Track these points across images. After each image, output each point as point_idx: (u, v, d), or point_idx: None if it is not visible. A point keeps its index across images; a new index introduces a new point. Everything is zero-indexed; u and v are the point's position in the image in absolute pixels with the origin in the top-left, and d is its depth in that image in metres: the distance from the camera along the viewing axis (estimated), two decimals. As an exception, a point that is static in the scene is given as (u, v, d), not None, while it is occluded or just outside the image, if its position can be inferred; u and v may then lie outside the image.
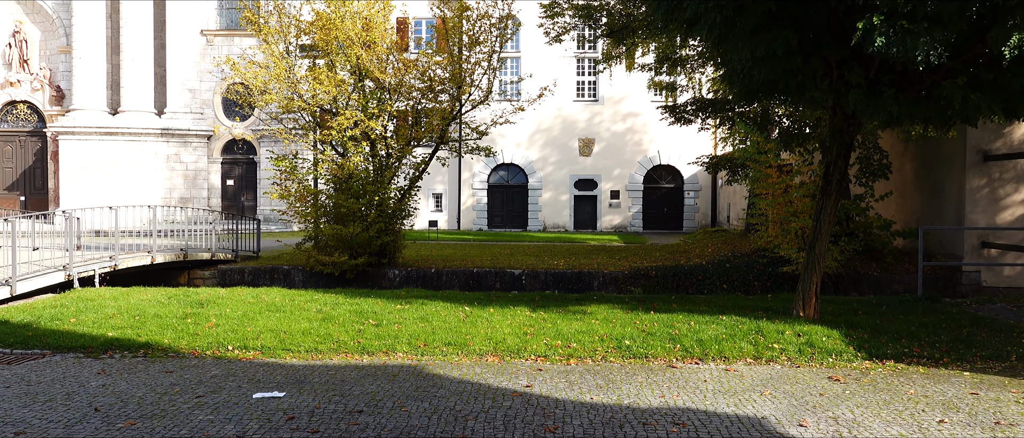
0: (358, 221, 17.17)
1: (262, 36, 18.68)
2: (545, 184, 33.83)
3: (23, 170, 34.14)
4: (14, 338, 9.82)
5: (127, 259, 16.01)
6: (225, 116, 33.71)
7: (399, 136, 18.58)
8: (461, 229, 33.37)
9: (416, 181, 18.88)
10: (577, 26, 21.94)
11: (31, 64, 33.69)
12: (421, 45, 23.58)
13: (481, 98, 19.12)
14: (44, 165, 33.85)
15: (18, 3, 33.75)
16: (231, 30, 33.61)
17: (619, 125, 33.73)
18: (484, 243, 25.07)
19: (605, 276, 16.93)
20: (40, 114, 33.84)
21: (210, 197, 33.78)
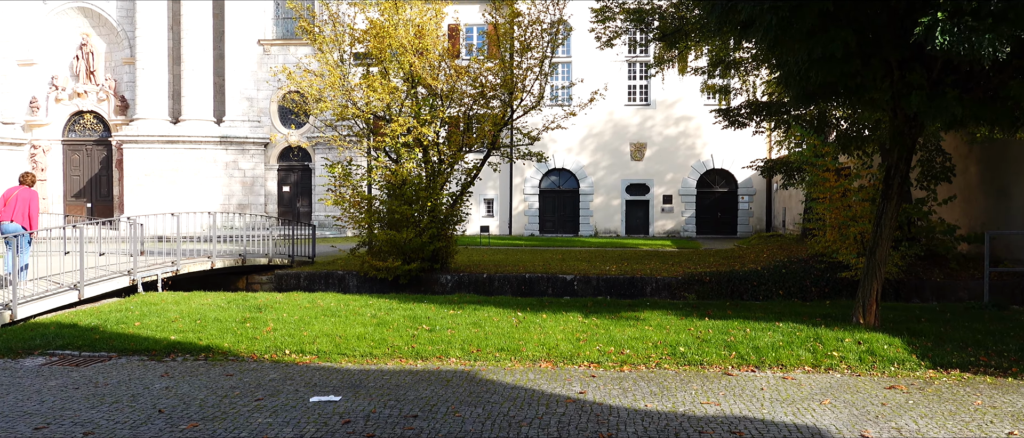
0: (411, 227, 17.33)
1: (317, 45, 19.01)
2: (596, 189, 33.71)
3: (90, 178, 35.28)
4: (82, 341, 10.15)
5: (188, 264, 16.42)
6: (281, 124, 34.36)
7: (451, 142, 18.72)
8: (512, 234, 33.43)
9: (468, 187, 18.98)
10: (628, 30, 21.85)
11: (97, 75, 34.84)
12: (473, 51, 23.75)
13: (532, 103, 19.14)
14: (109, 173, 34.92)
15: (85, 17, 34.93)
16: (287, 40, 34.27)
17: (671, 129, 33.44)
18: (536, 248, 25.08)
19: (658, 282, 16.78)
20: (106, 124, 34.95)
21: (267, 203, 34.46)
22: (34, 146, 34.85)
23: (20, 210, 13.31)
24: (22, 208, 13.33)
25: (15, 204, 13.33)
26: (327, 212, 31.90)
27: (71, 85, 34.81)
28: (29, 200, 13.42)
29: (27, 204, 13.39)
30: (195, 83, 33.42)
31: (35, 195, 13.62)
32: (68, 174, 35.25)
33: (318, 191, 33.49)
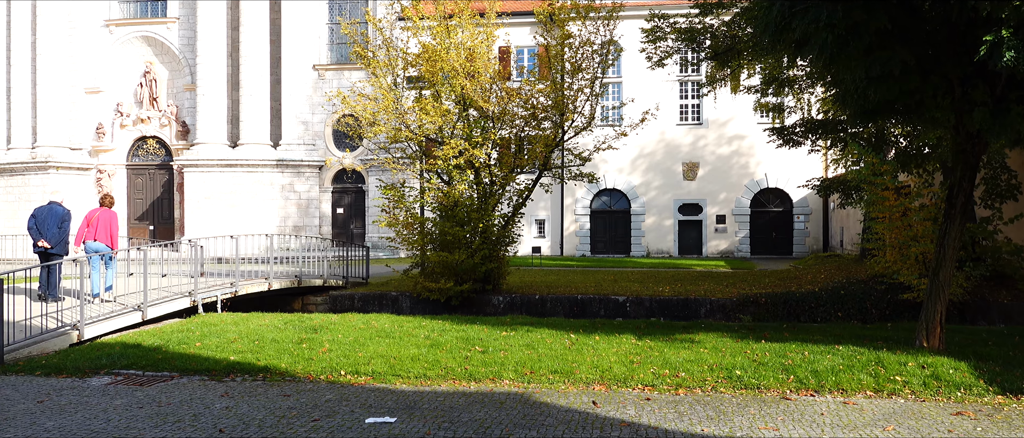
0: (463, 248, 17.44)
1: (371, 69, 19.36)
2: (648, 209, 33.48)
3: (152, 201, 36.33)
4: (146, 361, 10.42)
5: (246, 286, 16.76)
6: (336, 147, 34.96)
7: (502, 164, 18.82)
8: (564, 255, 33.37)
9: (519, 208, 19.05)
10: (680, 50, 21.72)
11: (159, 102, 35.97)
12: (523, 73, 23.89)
13: (583, 124, 19.16)
14: (170, 196, 35.91)
15: (149, 45, 36.14)
16: (341, 64, 34.94)
17: (724, 148, 33.09)
18: (587, 269, 24.98)
19: (712, 303, 16.56)
20: (167, 148, 36.00)
21: (321, 225, 35.02)
22: (100, 170, 36.05)
23: (102, 230, 14.14)
24: (104, 228, 14.14)
25: (97, 225, 14.15)
26: (380, 233, 32.26)
27: (135, 111, 35.98)
28: (110, 221, 14.27)
29: (108, 224, 14.23)
30: (252, 108, 34.25)
31: (115, 216, 14.44)
32: (132, 197, 36.35)
33: (371, 213, 33.92)
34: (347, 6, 35.23)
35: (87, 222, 14.22)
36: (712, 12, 20.33)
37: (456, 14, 18.64)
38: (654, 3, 29.93)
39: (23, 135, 36.08)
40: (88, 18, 36.22)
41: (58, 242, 13.80)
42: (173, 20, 35.60)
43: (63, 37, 35.84)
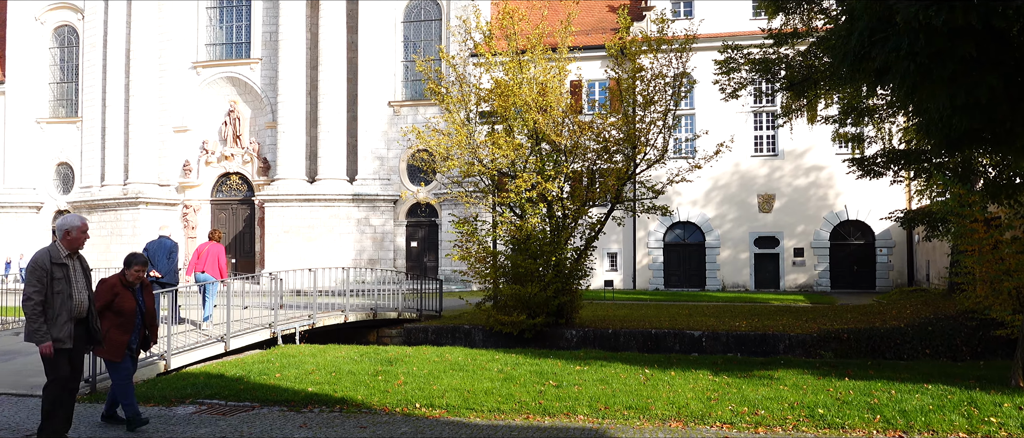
0: (535, 281, 17.43)
1: (444, 105, 19.69)
2: (723, 242, 32.92)
3: (235, 235, 37.55)
4: (228, 391, 10.71)
5: (324, 318, 17.10)
6: (410, 181, 35.58)
7: (575, 197, 18.81)
8: (637, 289, 33.02)
9: (592, 241, 18.96)
10: (754, 81, 21.49)
11: (242, 139, 37.34)
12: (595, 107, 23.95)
13: (656, 157, 19.03)
14: (252, 230, 37.06)
15: (233, 85, 37.64)
16: (415, 100, 35.66)
17: (801, 180, 32.38)
18: (661, 303, 24.65)
19: (792, 339, 16.11)
20: (249, 184, 37.25)
21: (396, 258, 35.56)
22: (186, 206, 37.50)
23: (210, 262, 15.22)
24: (212, 261, 15.24)
25: (206, 257, 15.27)
26: (453, 267, 32.54)
27: (219, 149, 37.40)
28: (218, 254, 15.38)
29: (216, 257, 15.35)
30: (330, 144, 35.21)
31: (223, 249, 15.55)
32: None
33: (444, 246, 34.28)
34: (421, 44, 36.04)
35: (197, 254, 15.32)
36: (787, 42, 20.07)
37: (528, 50, 18.85)
38: (727, 34, 29.69)
39: (116, 172, 37.87)
40: (177, 60, 37.99)
41: (168, 272, 14.59)
42: (256, 61, 37.02)
43: (154, 79, 37.65)
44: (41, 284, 7.41)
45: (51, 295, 7.43)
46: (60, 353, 7.51)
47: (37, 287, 7.40)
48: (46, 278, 7.44)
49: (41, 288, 7.40)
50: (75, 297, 7.58)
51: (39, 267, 7.45)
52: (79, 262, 7.80)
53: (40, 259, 7.52)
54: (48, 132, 40.85)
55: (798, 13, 19.78)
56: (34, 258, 7.56)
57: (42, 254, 7.56)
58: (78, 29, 40.58)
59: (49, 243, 7.97)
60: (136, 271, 8.51)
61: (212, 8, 38.25)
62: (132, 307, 8.51)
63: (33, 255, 7.63)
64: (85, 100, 39.79)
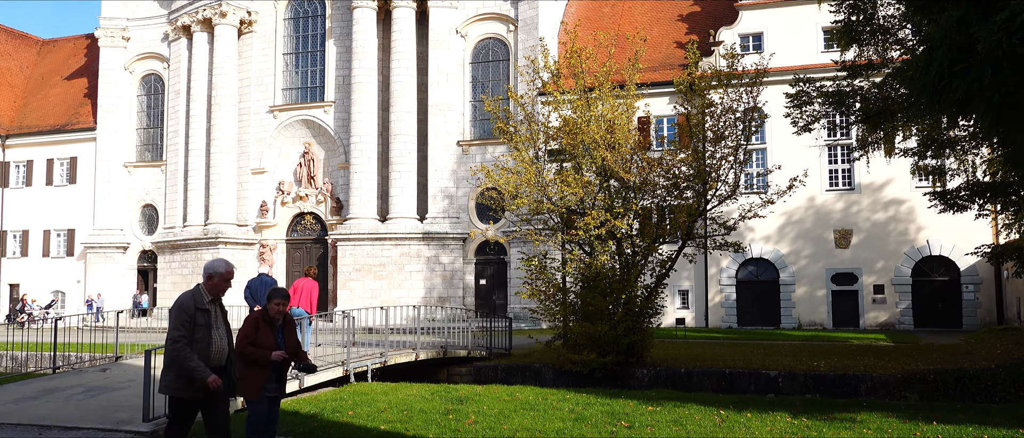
0: (606, 319, 17.27)
1: (513, 143, 19.87)
2: (798, 279, 32.06)
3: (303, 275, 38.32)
4: (303, 428, 10.86)
5: (395, 356, 17.27)
6: (479, 219, 35.84)
7: (644, 234, 18.65)
8: (709, 327, 32.37)
9: (662, 279, 18.73)
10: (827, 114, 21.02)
11: (316, 180, 38.35)
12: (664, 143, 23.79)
13: (727, 193, 18.75)
14: (324, 268, 37.80)
15: (307, 127, 38.78)
16: (484, 140, 36.06)
17: (879, 214, 31.41)
18: (734, 341, 24.10)
19: (873, 379, 15.52)
20: (322, 223, 38.10)
21: (465, 296, 35.74)
22: (263, 245, 38.56)
23: (305, 297, 15.86)
24: (306, 296, 15.90)
25: (301, 292, 15.96)
26: (522, 304, 32.48)
27: (294, 190, 38.47)
28: (311, 289, 16.07)
29: (309, 293, 16.02)
30: (400, 184, 35.83)
31: (316, 286, 16.21)
32: (290, 270, 38.49)
33: (514, 284, 34.28)
34: (489, 84, 36.53)
35: (293, 290, 16.01)
36: (861, 74, 19.63)
37: (596, 87, 18.92)
38: (797, 67, 29.21)
39: (197, 213, 39.26)
40: (255, 105, 39.42)
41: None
42: (329, 104, 38.10)
43: (233, 123, 39.11)
44: (186, 328, 7.21)
45: (191, 342, 7.23)
46: (186, 403, 7.32)
47: (182, 331, 7.19)
48: (190, 323, 7.25)
49: (186, 332, 7.21)
50: (214, 344, 7.38)
51: (183, 311, 7.28)
52: (220, 308, 7.64)
53: (185, 303, 7.34)
54: (135, 175, 42.68)
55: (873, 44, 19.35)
56: (179, 302, 7.39)
57: (186, 298, 7.40)
58: (163, 77, 42.51)
59: (193, 287, 7.65)
60: (277, 305, 8.07)
61: (289, 54, 39.62)
62: (270, 344, 7.97)
63: (178, 298, 7.47)
64: (169, 144, 41.54)
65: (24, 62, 49.97)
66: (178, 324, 7.21)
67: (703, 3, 36.70)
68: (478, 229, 35.47)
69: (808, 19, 31.63)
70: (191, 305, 7.30)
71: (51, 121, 44.87)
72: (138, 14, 43.03)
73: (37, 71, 49.63)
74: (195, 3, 39.89)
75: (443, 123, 36.38)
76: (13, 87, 47.88)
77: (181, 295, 7.45)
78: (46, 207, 43.91)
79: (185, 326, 7.20)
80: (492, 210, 32.55)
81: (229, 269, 7.68)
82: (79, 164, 43.49)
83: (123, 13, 43.03)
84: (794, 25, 32.39)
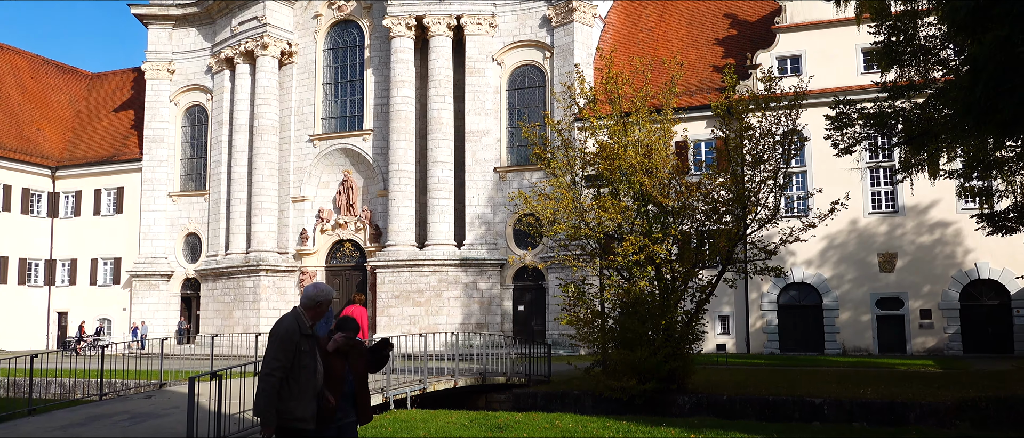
0: (645, 346, 17.11)
1: (549, 169, 19.92)
2: (842, 303, 31.47)
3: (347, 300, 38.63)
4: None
5: (434, 382, 17.28)
6: (516, 246, 35.85)
7: (683, 259, 18.50)
8: (751, 353, 31.88)
9: (702, 304, 18.53)
10: (869, 136, 20.75)
11: (355, 207, 38.76)
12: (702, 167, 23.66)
13: (767, 217, 18.56)
14: (364, 295, 38.03)
15: (347, 156, 39.28)
16: (521, 166, 36.16)
17: (925, 237, 30.76)
18: (776, 368, 23.69)
19: (923, 407, 15.12)
20: (361, 250, 38.43)
21: (503, 322, 35.69)
22: (303, 272, 38.99)
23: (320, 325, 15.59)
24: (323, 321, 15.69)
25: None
26: (561, 331, 32.34)
27: (334, 217, 38.91)
28: (361, 316, 15.99)
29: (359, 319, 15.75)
30: (438, 210, 36.04)
31: (365, 312, 16.21)
32: (329, 297, 38.77)
33: (552, 310, 34.17)
34: (525, 110, 36.69)
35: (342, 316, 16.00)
36: (903, 95, 19.37)
37: (633, 112, 18.92)
38: (837, 89, 28.89)
39: (238, 241, 39.87)
40: (296, 134, 40.09)
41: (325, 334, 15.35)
42: (368, 132, 38.57)
43: (274, 153, 39.78)
44: (287, 358, 6.54)
45: (297, 369, 6.60)
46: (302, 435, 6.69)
47: (283, 362, 6.53)
48: (294, 351, 6.59)
49: (286, 363, 6.54)
50: (318, 371, 6.79)
51: (288, 339, 6.60)
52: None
53: (290, 330, 6.66)
54: (179, 204, 43.55)
55: (914, 65, 19.10)
56: (284, 328, 6.70)
57: (290, 324, 6.72)
58: (207, 108, 43.46)
59: (289, 311, 6.95)
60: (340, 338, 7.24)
61: (328, 84, 40.27)
62: (340, 373, 7.17)
63: (279, 324, 6.78)
64: (212, 174, 42.38)
65: (74, 95, 51.46)
66: (280, 353, 6.56)
67: (740, 27, 36.57)
68: (515, 255, 35.47)
69: (847, 40, 31.33)
70: (297, 332, 6.67)
71: (99, 153, 46.05)
72: (183, 47, 44.16)
73: (86, 104, 51.06)
74: (237, 36, 40.82)
75: (480, 150, 36.60)
76: (63, 120, 49.30)
77: (283, 321, 6.80)
78: (94, 236, 44.95)
79: (287, 356, 6.55)
80: (530, 236, 32.55)
81: (331, 294, 7.14)
82: (125, 194, 44.51)
83: (168, 47, 44.18)
84: (832, 47, 32.09)
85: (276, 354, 6.53)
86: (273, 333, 6.67)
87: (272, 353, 6.57)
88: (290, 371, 6.55)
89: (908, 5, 17.98)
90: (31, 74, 49.54)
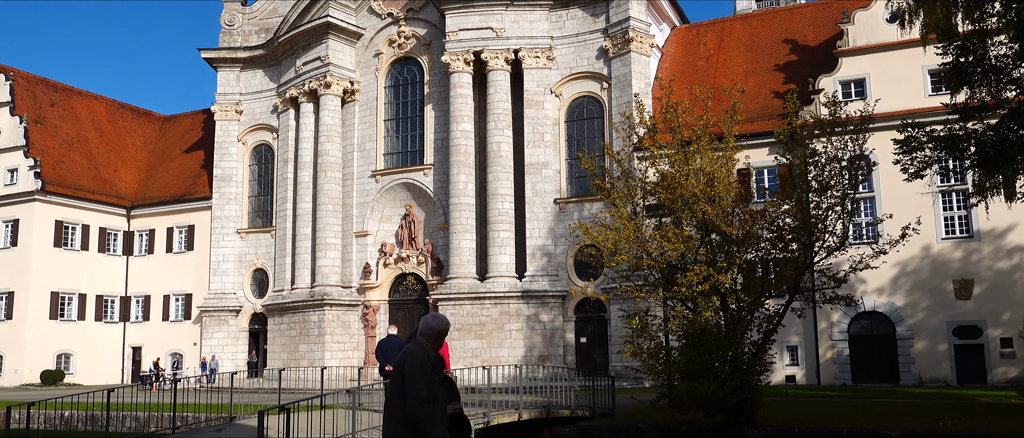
0: (712, 378, 16.81)
1: (610, 200, 19.88)
2: (916, 333, 30.39)
3: (410, 333, 38.96)
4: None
5: (498, 416, 17.24)
6: (577, 277, 35.68)
7: (749, 288, 18.18)
8: (821, 384, 30.98)
9: (770, 334, 18.16)
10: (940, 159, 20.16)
11: (417, 241, 39.20)
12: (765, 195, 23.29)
13: (835, 244, 18.15)
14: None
15: (408, 190, 39.85)
16: (580, 197, 36.13)
17: (1003, 262, 29.60)
18: (849, 400, 22.97)
19: (1008, 440, 14.47)
20: (423, 283, 38.76)
21: (565, 354, 35.46)
22: (366, 306, 39.49)
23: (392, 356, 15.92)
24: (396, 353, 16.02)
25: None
26: (624, 363, 31.97)
27: (396, 251, 39.40)
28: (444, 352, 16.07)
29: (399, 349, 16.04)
30: (499, 243, 36.18)
31: (447, 346, 16.15)
32: (392, 330, 39.17)
33: (614, 342, 33.83)
34: (584, 141, 36.72)
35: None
36: (974, 116, 18.80)
37: (693, 141, 18.79)
38: (903, 111, 28.19)
39: (303, 276, 40.66)
40: (358, 170, 40.90)
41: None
42: (428, 167, 39.09)
43: (337, 189, 40.60)
44: (428, 387, 6.60)
45: (432, 399, 6.69)
46: None
47: (428, 389, 6.55)
48: (431, 380, 6.65)
49: (429, 391, 6.59)
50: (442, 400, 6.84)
51: (425, 367, 6.66)
52: None
53: (424, 359, 6.71)
54: (247, 240, 44.69)
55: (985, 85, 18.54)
56: (419, 357, 6.74)
57: (421, 353, 6.79)
58: (273, 147, 44.68)
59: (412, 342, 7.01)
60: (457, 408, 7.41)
61: (389, 120, 41.05)
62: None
63: (413, 355, 6.81)
64: (277, 210, 43.44)
65: (148, 137, 53.54)
66: (422, 383, 6.54)
67: (800, 51, 36.11)
68: (577, 286, 35.29)
69: (913, 62, 30.59)
70: (429, 360, 6.70)
71: (171, 192, 47.70)
72: (250, 88, 45.61)
73: (159, 145, 53.05)
74: (302, 76, 41.99)
75: (539, 181, 36.72)
76: (138, 161, 51.29)
77: (415, 352, 6.81)
78: (166, 273, 46.41)
79: (428, 385, 6.54)
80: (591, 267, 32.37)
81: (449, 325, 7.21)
82: (196, 231, 45.90)
83: (236, 88, 45.71)
84: (898, 69, 31.38)
85: (421, 384, 6.54)
86: (410, 364, 6.67)
87: (417, 383, 6.54)
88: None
89: (976, 25, 17.50)
90: (108, 118, 51.76)
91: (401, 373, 6.74)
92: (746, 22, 40.65)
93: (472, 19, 37.72)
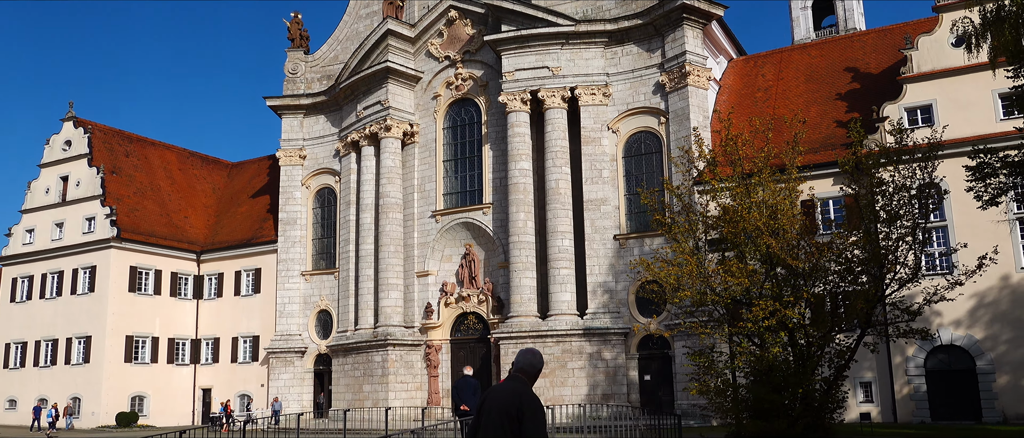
0: (782, 416, 16.36)
1: (671, 235, 19.68)
2: (999, 367, 29.06)
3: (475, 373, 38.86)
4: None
5: (561, 456, 17.02)
6: (640, 313, 35.24)
7: (818, 323, 17.71)
8: (898, 422, 29.78)
9: (842, 370, 17.62)
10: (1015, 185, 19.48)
11: (478, 280, 39.29)
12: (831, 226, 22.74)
13: (908, 276, 17.60)
14: (488, 368, 38.22)
15: (468, 229, 40.10)
16: (640, 232, 35.79)
17: (1089, 291, 28.20)
18: (929, 438, 22.02)
19: (1104, 481, 13.64)
20: (484, 323, 38.75)
21: (629, 392, 34.90)
22: (429, 345, 39.64)
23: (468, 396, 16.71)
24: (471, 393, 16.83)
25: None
26: (690, 401, 31.34)
27: (457, 290, 39.55)
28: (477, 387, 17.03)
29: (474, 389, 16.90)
30: (559, 280, 36.02)
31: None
32: (454, 370, 39.17)
33: (679, 379, 33.20)
34: (643, 177, 36.49)
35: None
36: (1051, 140, 18.15)
37: (755, 173, 18.52)
38: (973, 137, 27.31)
39: (367, 316, 41.08)
40: (419, 211, 41.38)
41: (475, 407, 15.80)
42: (487, 206, 39.31)
43: (398, 230, 41.09)
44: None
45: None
46: None
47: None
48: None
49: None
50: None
51: (542, 410, 6.69)
52: None
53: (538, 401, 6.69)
54: (311, 282, 45.47)
55: (1061, 107, 17.92)
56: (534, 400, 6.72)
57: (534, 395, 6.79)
58: (335, 189, 45.58)
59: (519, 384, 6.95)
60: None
61: (448, 161, 41.52)
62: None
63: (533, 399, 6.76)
64: (340, 252, 44.12)
65: (216, 184, 55.22)
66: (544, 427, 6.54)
67: (862, 79, 35.41)
68: (639, 323, 34.81)
69: (982, 86, 29.69)
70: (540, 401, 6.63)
71: (238, 236, 48.94)
72: (313, 134, 46.76)
73: (227, 191, 54.63)
74: (362, 120, 42.88)
75: (599, 218, 36.55)
76: (207, 207, 52.87)
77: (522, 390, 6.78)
78: (234, 316, 47.43)
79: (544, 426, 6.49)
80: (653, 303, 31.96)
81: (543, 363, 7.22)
82: (263, 274, 46.89)
83: (300, 134, 46.89)
84: (966, 94, 30.47)
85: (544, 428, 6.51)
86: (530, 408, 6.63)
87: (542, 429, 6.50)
88: None
89: (1049, 46, 16.95)
90: (179, 166, 53.60)
91: (518, 416, 6.63)
92: (805, 52, 40.11)
93: (528, 59, 38.10)
